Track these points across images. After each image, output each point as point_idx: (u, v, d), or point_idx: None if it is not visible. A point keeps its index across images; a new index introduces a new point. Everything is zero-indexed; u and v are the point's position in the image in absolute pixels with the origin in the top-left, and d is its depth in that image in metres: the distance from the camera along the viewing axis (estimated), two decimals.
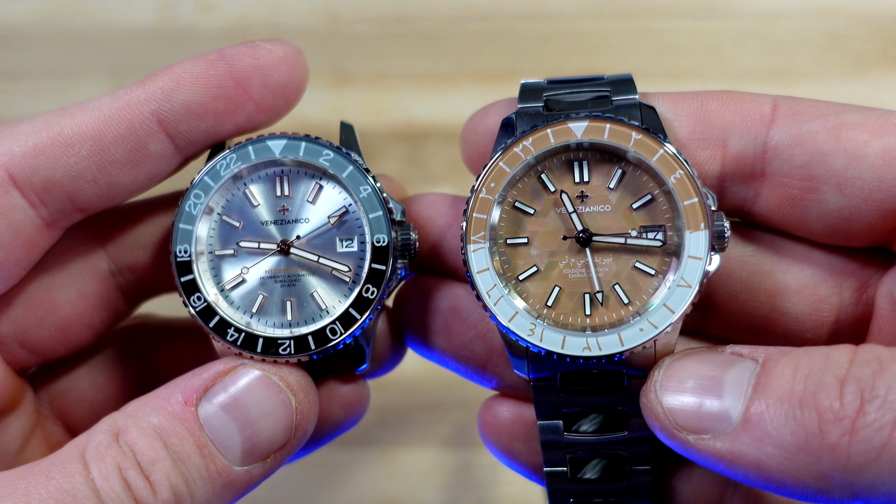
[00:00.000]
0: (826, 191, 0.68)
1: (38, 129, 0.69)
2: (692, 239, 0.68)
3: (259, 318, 0.72)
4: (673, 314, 0.67)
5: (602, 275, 0.70)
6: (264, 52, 0.71)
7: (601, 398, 0.72)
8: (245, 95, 0.71)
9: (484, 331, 0.75)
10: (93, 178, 0.69)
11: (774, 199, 0.70)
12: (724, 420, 0.60)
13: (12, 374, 0.76)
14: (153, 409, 0.65)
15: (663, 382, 0.65)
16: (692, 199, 0.68)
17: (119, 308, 0.81)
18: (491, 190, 0.70)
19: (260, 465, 0.67)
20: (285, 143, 0.73)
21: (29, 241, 0.70)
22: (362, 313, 0.70)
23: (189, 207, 0.72)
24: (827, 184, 0.67)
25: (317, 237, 0.73)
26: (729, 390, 0.61)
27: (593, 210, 0.71)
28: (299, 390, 0.69)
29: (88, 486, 0.61)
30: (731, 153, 0.70)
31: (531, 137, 0.70)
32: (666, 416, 0.63)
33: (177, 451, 0.63)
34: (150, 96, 0.69)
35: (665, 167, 0.68)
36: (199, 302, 0.71)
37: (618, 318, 0.70)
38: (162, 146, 0.71)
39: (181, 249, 0.72)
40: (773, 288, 0.72)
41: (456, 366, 0.77)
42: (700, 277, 0.67)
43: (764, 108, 0.70)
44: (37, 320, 0.76)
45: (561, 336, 0.68)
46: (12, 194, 0.68)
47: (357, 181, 0.72)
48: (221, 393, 0.66)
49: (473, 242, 0.70)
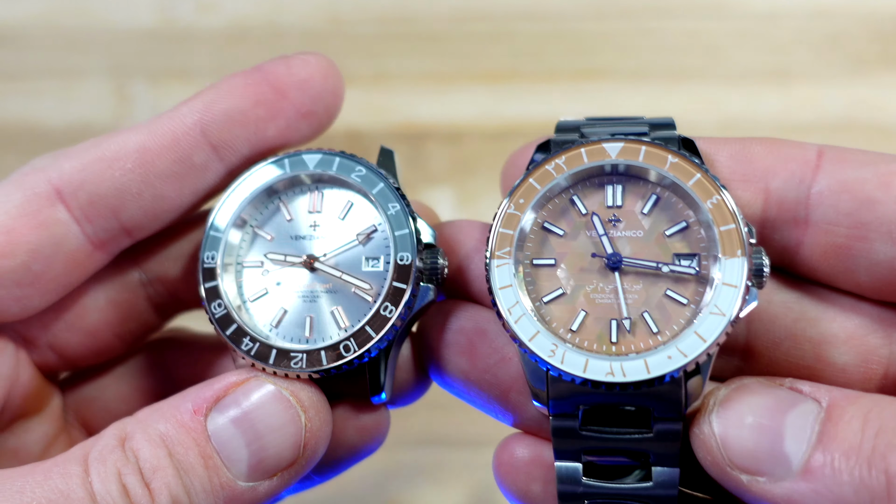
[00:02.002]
0: (875, 239, 0.64)
1: (86, 148, 0.70)
2: (728, 265, 0.63)
3: (278, 332, 0.71)
4: (704, 342, 0.62)
5: (631, 301, 0.66)
6: (298, 60, 0.73)
7: (625, 441, 0.65)
8: (284, 100, 0.72)
9: (510, 355, 0.70)
10: (137, 192, 0.70)
11: (819, 248, 0.67)
12: (782, 465, 0.57)
13: (40, 376, 0.77)
14: (162, 416, 0.64)
15: (720, 414, 0.61)
16: (729, 225, 0.64)
17: (148, 319, 0.80)
18: (519, 206, 0.68)
19: (266, 483, 0.65)
20: (320, 157, 0.73)
21: (71, 257, 0.70)
22: (378, 332, 0.68)
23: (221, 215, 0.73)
24: (876, 232, 0.64)
25: (343, 254, 0.72)
26: (791, 433, 0.57)
27: (625, 235, 0.67)
28: (310, 407, 0.67)
29: (84, 489, 0.60)
30: (774, 197, 0.67)
31: (564, 156, 0.68)
32: (720, 451, 0.60)
33: (181, 460, 0.62)
34: (192, 108, 0.71)
35: (702, 192, 0.65)
36: (220, 309, 0.70)
37: (646, 348, 0.64)
38: (206, 156, 0.71)
39: (208, 256, 0.72)
40: (819, 336, 0.68)
41: (478, 393, 0.72)
42: (736, 306, 0.62)
43: (809, 153, 0.67)
44: (67, 324, 0.76)
45: (584, 359, 0.63)
46: (57, 208, 0.69)
47: (387, 198, 0.71)
48: (232, 405, 0.65)
49: (498, 258, 0.67)
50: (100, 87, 1.29)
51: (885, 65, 1.24)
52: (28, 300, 0.70)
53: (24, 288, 0.69)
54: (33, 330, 0.75)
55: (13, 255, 0.68)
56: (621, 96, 1.27)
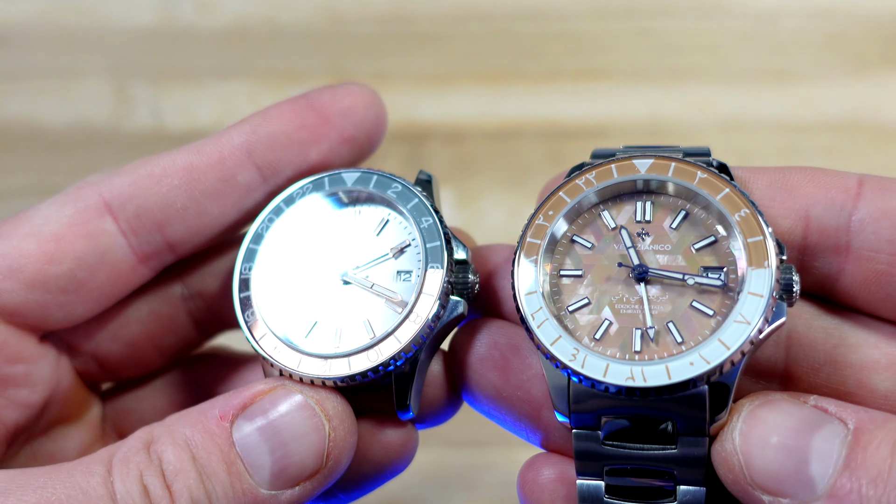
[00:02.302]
0: None
1: (136, 166, 0.73)
2: (754, 276, 0.63)
3: (307, 341, 0.72)
4: (727, 350, 0.61)
5: (656, 312, 0.66)
6: (343, 89, 0.77)
7: (649, 458, 0.64)
8: (327, 125, 0.75)
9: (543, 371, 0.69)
10: (182, 207, 0.73)
11: (860, 275, 0.67)
12: (807, 488, 0.56)
13: (80, 384, 0.79)
14: (189, 422, 0.65)
15: (743, 431, 0.60)
16: (757, 237, 0.64)
17: (187, 334, 0.82)
18: (548, 217, 0.69)
19: (288, 493, 0.65)
20: (359, 175, 0.75)
21: (116, 268, 0.73)
22: (404, 340, 0.68)
23: (260, 229, 0.74)
24: None
25: (374, 268, 0.73)
26: (817, 455, 0.57)
27: (652, 248, 0.68)
28: (335, 416, 0.67)
29: (105, 488, 0.61)
30: (815, 224, 0.67)
31: (595, 171, 0.69)
32: (743, 470, 0.59)
33: (204, 465, 0.62)
34: (239, 130, 0.74)
35: (730, 205, 0.66)
36: (252, 317, 0.72)
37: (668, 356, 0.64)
38: (250, 176, 0.74)
39: (245, 268, 0.74)
40: (861, 362, 0.67)
41: (509, 411, 0.71)
42: (760, 315, 0.62)
43: (850, 182, 0.67)
44: (109, 334, 0.78)
45: (604, 363, 0.63)
46: (105, 220, 0.72)
47: (421, 213, 0.72)
48: (258, 412, 0.65)
49: (524, 265, 0.68)
50: (100, 87, 1.29)
51: (885, 65, 1.24)
52: (72, 308, 0.72)
53: (68, 295, 0.71)
54: (77, 338, 0.77)
55: (60, 262, 0.70)
56: (621, 96, 1.27)
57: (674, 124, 1.25)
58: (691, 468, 0.63)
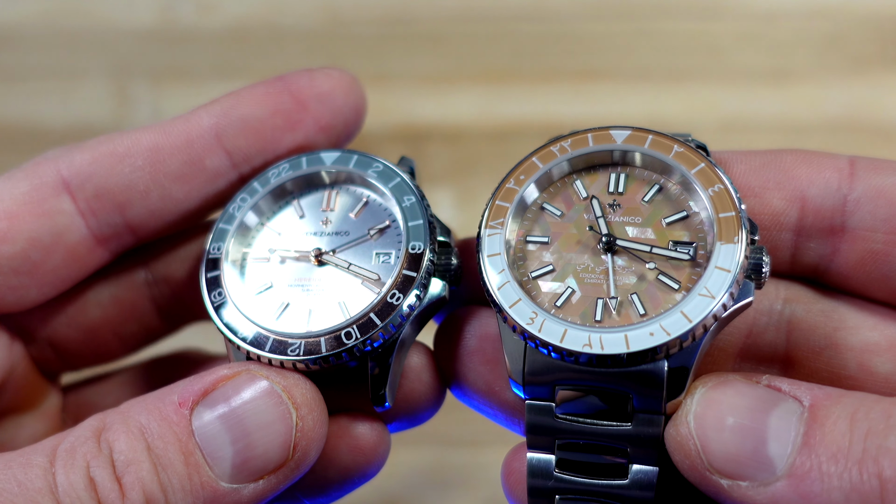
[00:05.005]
0: None
1: (98, 143, 0.70)
2: (723, 250, 0.61)
3: (278, 323, 0.68)
4: (689, 322, 0.59)
5: (621, 283, 0.64)
6: (322, 73, 0.73)
7: (602, 434, 0.62)
8: (303, 111, 0.71)
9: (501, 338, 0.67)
10: (145, 189, 0.69)
11: (855, 255, 0.66)
12: (766, 469, 0.54)
13: (35, 372, 0.75)
14: (145, 408, 0.60)
15: (698, 414, 0.58)
16: (729, 213, 0.63)
17: (151, 322, 0.78)
18: (519, 181, 0.67)
19: (251, 486, 0.60)
20: (338, 155, 0.72)
21: (72, 250, 0.69)
22: (383, 319, 0.64)
23: (233, 209, 0.71)
24: None
25: (353, 249, 0.70)
26: (774, 435, 0.55)
27: (623, 220, 0.66)
28: (303, 404, 0.62)
29: (44, 480, 0.56)
30: (811, 205, 0.66)
31: (570, 139, 0.68)
32: (699, 454, 0.57)
33: (159, 455, 0.57)
34: (209, 112, 0.70)
35: (704, 179, 0.64)
36: (219, 297, 0.68)
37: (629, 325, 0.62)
38: (218, 162, 0.71)
39: (214, 247, 0.70)
40: (861, 345, 0.66)
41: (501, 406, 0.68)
42: (725, 290, 0.60)
43: (841, 162, 0.66)
44: (67, 318, 0.74)
45: (562, 328, 0.61)
46: (62, 199, 0.68)
47: (403, 191, 0.69)
48: (220, 399, 0.60)
49: (490, 227, 0.66)
50: (100, 88, 1.29)
51: (885, 65, 1.24)
52: (24, 291, 0.69)
53: (20, 277, 0.68)
54: (31, 322, 0.74)
55: (13, 241, 0.67)
56: (621, 96, 1.27)
57: (674, 124, 1.24)
58: (645, 446, 0.61)
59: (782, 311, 0.68)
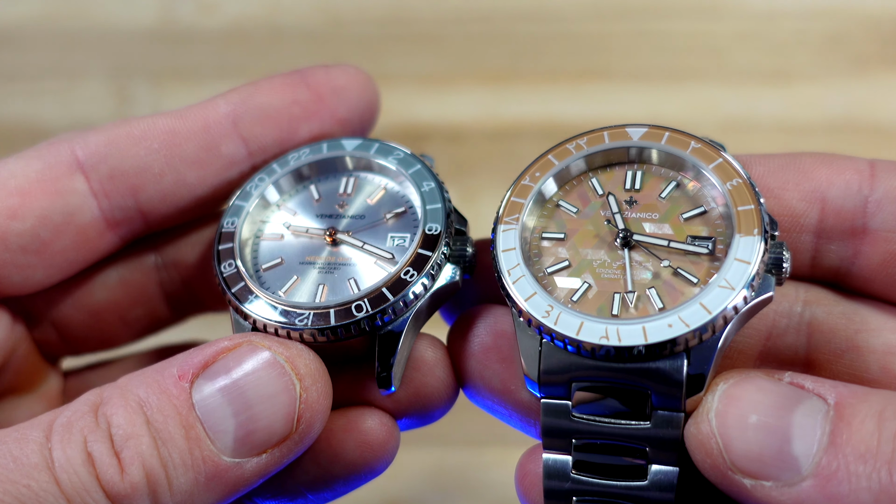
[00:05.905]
0: None
1: (115, 125, 0.70)
2: (742, 243, 0.60)
3: (288, 295, 0.67)
4: (708, 314, 0.58)
5: (637, 278, 0.63)
6: (338, 69, 0.74)
7: (620, 432, 0.61)
8: (320, 103, 0.72)
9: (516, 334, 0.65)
10: (160, 172, 0.69)
11: (877, 257, 0.65)
12: (791, 469, 0.53)
13: (36, 353, 0.74)
14: (144, 381, 0.58)
15: (720, 411, 0.56)
16: (748, 206, 0.62)
17: (157, 308, 0.77)
18: (535, 178, 0.67)
19: (254, 461, 0.58)
20: (360, 142, 0.72)
21: (82, 231, 0.69)
22: (395, 294, 0.63)
23: (250, 187, 0.71)
24: None
25: (368, 230, 0.69)
26: (799, 433, 0.53)
27: (640, 216, 0.66)
28: (307, 375, 0.60)
29: (40, 455, 0.54)
30: (832, 206, 0.65)
31: (587, 137, 0.68)
32: (721, 453, 0.55)
33: (159, 429, 0.55)
34: (227, 99, 0.71)
35: (723, 174, 0.64)
36: (230, 268, 0.67)
37: None
38: (234, 148, 0.71)
39: (229, 222, 0.70)
40: (885, 347, 0.65)
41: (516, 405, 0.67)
42: (745, 282, 0.59)
43: (861, 164, 0.66)
44: (72, 299, 0.73)
45: (579, 321, 0.59)
46: (76, 178, 0.68)
47: (423, 178, 0.70)
48: (221, 371, 0.59)
49: (505, 223, 0.66)
50: (100, 88, 1.29)
51: (885, 65, 1.24)
52: (31, 271, 0.68)
53: (28, 255, 0.67)
54: (36, 303, 0.73)
55: (23, 218, 0.66)
56: (621, 97, 1.27)
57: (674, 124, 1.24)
58: (665, 445, 0.60)
59: (802, 313, 0.67)
